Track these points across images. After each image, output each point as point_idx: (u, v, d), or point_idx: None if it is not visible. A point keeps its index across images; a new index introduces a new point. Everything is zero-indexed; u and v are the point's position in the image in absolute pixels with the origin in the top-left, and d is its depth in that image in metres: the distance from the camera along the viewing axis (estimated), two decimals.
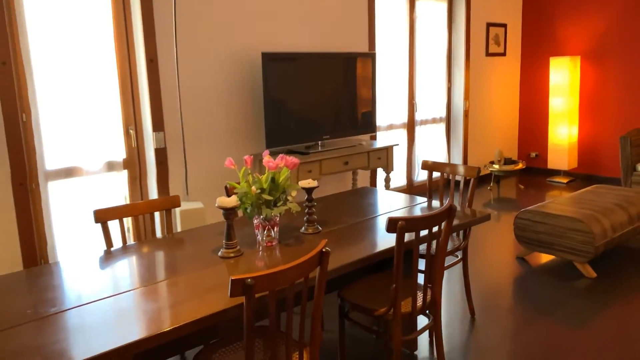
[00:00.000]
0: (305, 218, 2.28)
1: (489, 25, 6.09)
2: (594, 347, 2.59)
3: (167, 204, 2.48)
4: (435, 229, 2.07)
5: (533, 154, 6.64)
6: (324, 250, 1.64)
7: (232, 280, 1.42)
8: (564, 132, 6.01)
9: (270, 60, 3.79)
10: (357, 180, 4.77)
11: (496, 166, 5.81)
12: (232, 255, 2.01)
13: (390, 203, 2.77)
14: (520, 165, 5.82)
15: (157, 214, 3.60)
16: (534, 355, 2.54)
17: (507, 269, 3.66)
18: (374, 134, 4.80)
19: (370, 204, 2.77)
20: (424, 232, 2.17)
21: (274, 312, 1.56)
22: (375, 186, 5.15)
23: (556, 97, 6.03)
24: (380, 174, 5.29)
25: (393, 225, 1.92)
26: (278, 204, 2.10)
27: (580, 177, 6.25)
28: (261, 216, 2.09)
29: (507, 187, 6.06)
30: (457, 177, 4.81)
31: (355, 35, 4.75)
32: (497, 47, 6.26)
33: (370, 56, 4.48)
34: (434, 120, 5.91)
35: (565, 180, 6.07)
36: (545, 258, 3.83)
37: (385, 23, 5.18)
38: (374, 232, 2.28)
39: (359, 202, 2.81)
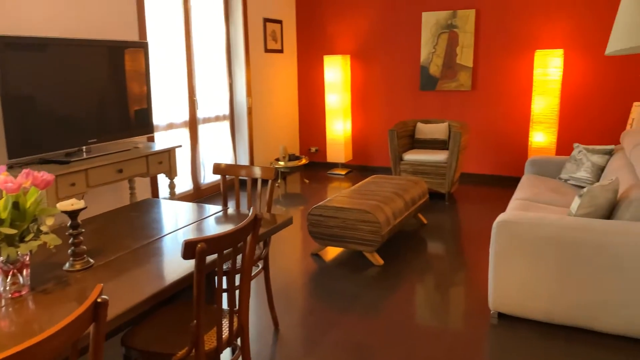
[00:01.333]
0: (70, 250, 1.75)
1: (265, 20, 6.04)
2: (391, 333, 2.66)
3: None
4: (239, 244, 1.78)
5: (313, 149, 6.90)
6: (99, 300, 1.20)
7: None
8: (339, 127, 6.36)
9: (9, 46, 2.97)
10: (136, 190, 4.18)
11: (282, 163, 5.82)
12: None
13: (180, 217, 2.38)
14: (304, 161, 5.94)
15: None
16: (341, 357, 2.47)
17: (304, 268, 3.61)
18: (151, 134, 4.27)
19: (155, 220, 2.34)
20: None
21: None
22: (158, 195, 4.62)
23: (331, 94, 6.33)
24: (163, 180, 4.77)
25: (191, 249, 1.56)
26: (26, 239, 1.54)
27: (356, 168, 6.72)
28: (1, 258, 1.50)
29: (293, 183, 6.15)
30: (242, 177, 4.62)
31: (122, 22, 4.13)
32: (275, 43, 6.27)
33: (142, 46, 3.94)
34: (217, 118, 5.61)
35: (343, 172, 6.45)
36: (336, 251, 3.91)
37: (158, 10, 4.65)
38: (165, 257, 1.88)
39: (142, 219, 2.35)
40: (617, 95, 5.26)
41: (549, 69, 5.16)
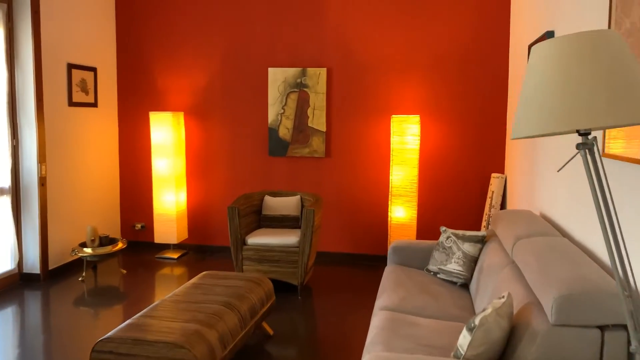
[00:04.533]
0: None
1: (71, 66, 4.75)
2: None
3: None
4: None
5: (139, 226, 5.57)
6: None
7: None
8: (170, 199, 5.17)
9: None
10: None
11: (88, 250, 4.43)
12: None
13: None
14: (120, 245, 4.62)
15: None
16: None
17: None
18: None
19: None
20: None
21: None
22: None
23: (160, 158, 5.16)
24: None
25: None
26: None
27: (193, 249, 5.52)
28: None
29: (107, 273, 4.75)
30: None
31: None
32: (85, 95, 4.98)
33: None
34: None
35: (176, 256, 5.21)
36: None
37: None
38: None
39: None
40: (476, 166, 4.90)
41: (406, 136, 4.63)
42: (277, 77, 5.15)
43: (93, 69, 5.09)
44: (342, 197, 5.15)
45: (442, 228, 3.49)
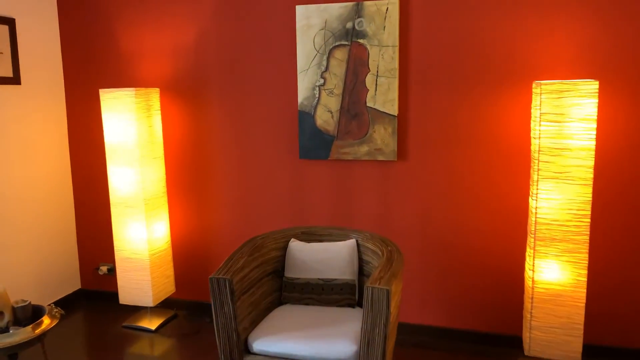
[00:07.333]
0: None
1: None
2: None
3: None
4: None
5: (104, 269, 3.59)
6: None
7: None
8: (140, 235, 3.12)
9: None
10: None
11: None
12: None
13: None
14: (46, 324, 2.65)
15: None
16: None
17: None
18: None
19: None
20: None
21: None
22: None
23: (119, 166, 3.11)
24: None
25: None
26: None
27: (184, 307, 3.48)
28: None
29: None
30: None
31: None
32: None
33: None
34: None
35: (154, 325, 3.19)
36: None
37: None
38: None
39: None
40: None
41: (568, 122, 2.32)
42: (312, 22, 2.93)
43: (8, 21, 3.06)
44: (431, 234, 2.92)
45: None
